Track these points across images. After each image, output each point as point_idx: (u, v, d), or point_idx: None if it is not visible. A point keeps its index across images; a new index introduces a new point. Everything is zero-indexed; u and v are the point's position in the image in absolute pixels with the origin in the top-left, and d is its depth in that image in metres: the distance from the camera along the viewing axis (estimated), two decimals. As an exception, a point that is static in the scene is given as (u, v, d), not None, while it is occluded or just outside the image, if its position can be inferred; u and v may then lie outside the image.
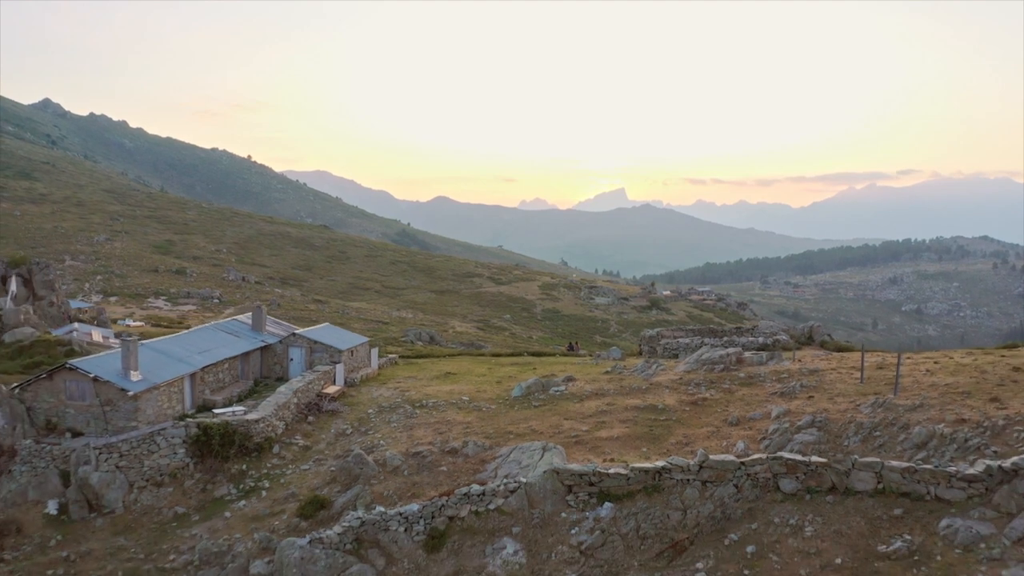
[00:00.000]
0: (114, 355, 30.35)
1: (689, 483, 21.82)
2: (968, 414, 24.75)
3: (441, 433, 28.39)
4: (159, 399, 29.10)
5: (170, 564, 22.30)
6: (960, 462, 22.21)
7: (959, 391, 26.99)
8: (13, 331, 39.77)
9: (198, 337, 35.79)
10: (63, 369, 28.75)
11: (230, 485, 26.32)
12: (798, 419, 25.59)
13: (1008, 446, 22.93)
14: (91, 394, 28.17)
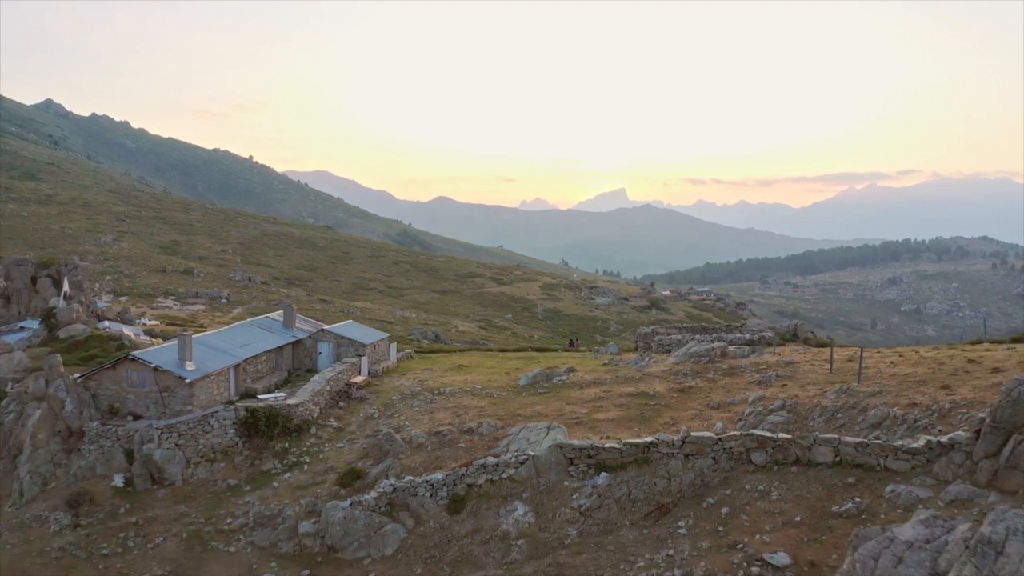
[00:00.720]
0: (170, 347, 34.11)
1: (673, 456, 25.48)
2: (920, 399, 28.38)
3: (458, 415, 32.16)
4: (210, 386, 32.86)
5: (227, 526, 25.91)
6: (908, 439, 25.85)
7: (915, 380, 30.62)
8: (67, 327, 43.47)
9: (238, 332, 39.63)
10: (126, 360, 32.49)
11: (275, 460, 30.04)
12: (771, 403, 29.24)
13: (952, 426, 26.55)
14: (151, 382, 31.85)
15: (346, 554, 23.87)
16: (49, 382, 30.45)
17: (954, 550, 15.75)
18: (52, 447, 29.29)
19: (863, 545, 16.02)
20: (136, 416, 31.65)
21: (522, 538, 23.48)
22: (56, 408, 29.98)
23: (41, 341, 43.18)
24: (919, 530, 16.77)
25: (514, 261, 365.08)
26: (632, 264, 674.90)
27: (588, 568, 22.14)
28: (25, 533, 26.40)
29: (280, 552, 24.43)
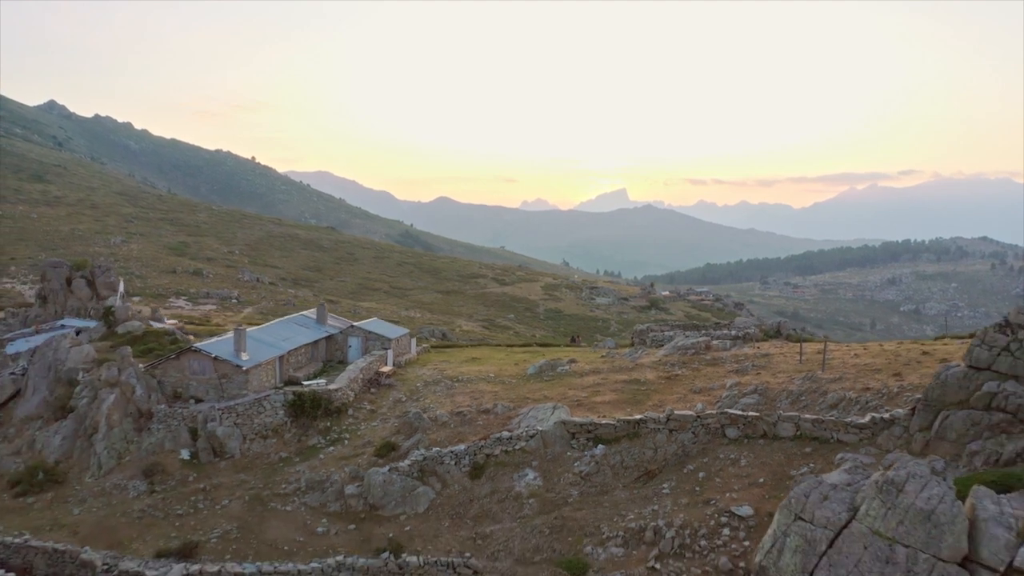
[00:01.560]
0: (227, 340, 38.91)
1: (659, 431, 30.20)
2: (873, 384, 33.09)
3: (475, 399, 36.93)
4: (261, 374, 37.59)
5: (282, 490, 30.59)
6: (858, 416, 30.55)
7: (872, 368, 35.32)
8: (124, 324, 48.18)
9: (280, 328, 44.48)
10: (189, 351, 37.28)
11: (319, 437, 34.75)
12: (745, 388, 33.93)
13: (898, 406, 31.22)
14: (211, 370, 36.57)
15: (385, 512, 28.59)
16: (121, 370, 35.13)
17: (868, 490, 20.34)
18: (125, 426, 33.94)
19: (798, 486, 20.70)
20: (197, 400, 36.42)
21: (532, 497, 28.23)
22: (128, 393, 34.64)
23: (101, 336, 47.90)
24: (843, 476, 21.41)
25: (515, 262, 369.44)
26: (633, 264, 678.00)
27: (587, 520, 26.86)
28: (107, 498, 31.08)
29: (329, 511, 29.14)
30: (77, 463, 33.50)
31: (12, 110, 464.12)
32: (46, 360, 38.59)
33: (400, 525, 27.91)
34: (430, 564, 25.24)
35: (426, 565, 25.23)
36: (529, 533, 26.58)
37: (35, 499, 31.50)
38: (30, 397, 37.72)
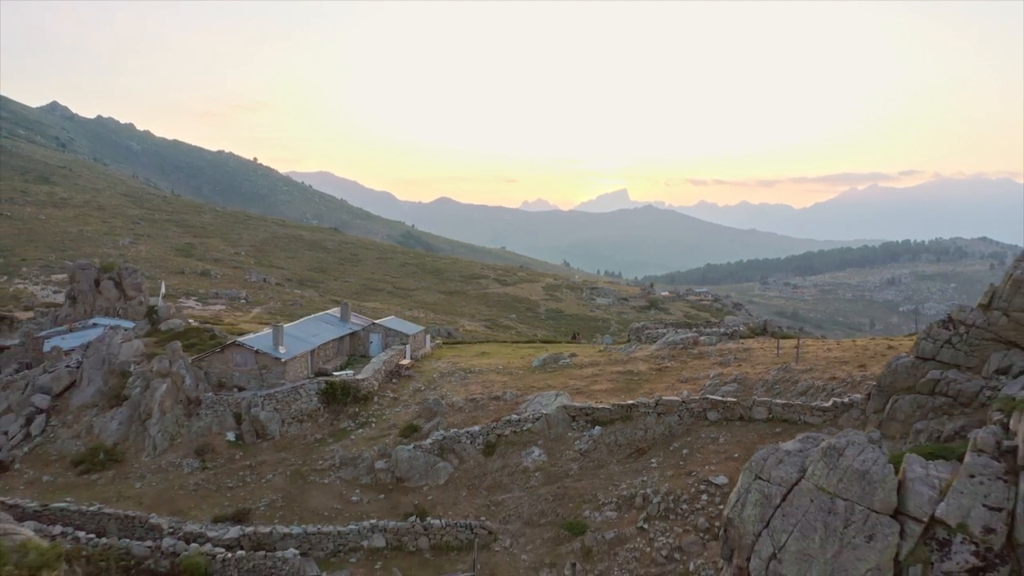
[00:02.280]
0: (265, 335, 43.42)
1: (649, 414, 34.62)
2: (839, 374, 37.50)
3: (487, 387, 41.38)
4: (296, 365, 42.03)
5: (319, 466, 35.00)
6: (823, 401, 34.97)
7: (841, 361, 39.73)
8: (167, 321, 52.65)
9: (309, 325, 49.01)
10: (233, 345, 41.78)
11: (349, 420, 39.18)
12: (726, 378, 38.35)
13: (859, 393, 35.62)
14: (252, 362, 40.99)
15: (410, 483, 33.02)
16: (172, 362, 39.46)
17: (815, 455, 24.64)
18: (176, 412, 38.28)
19: (758, 452, 25.05)
20: (240, 388, 40.82)
21: (538, 471, 32.68)
22: (178, 382, 38.97)
23: (146, 333, 52.32)
24: (796, 444, 25.76)
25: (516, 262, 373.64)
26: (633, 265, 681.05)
27: (586, 490, 31.30)
28: (164, 474, 35.47)
29: (361, 483, 33.53)
30: (133, 445, 37.88)
31: (15, 111, 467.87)
32: (100, 354, 42.97)
33: (424, 495, 32.37)
34: (451, 526, 29.67)
35: (448, 527, 29.66)
36: (536, 500, 31.03)
37: (98, 476, 35.88)
38: (85, 387, 42.11)
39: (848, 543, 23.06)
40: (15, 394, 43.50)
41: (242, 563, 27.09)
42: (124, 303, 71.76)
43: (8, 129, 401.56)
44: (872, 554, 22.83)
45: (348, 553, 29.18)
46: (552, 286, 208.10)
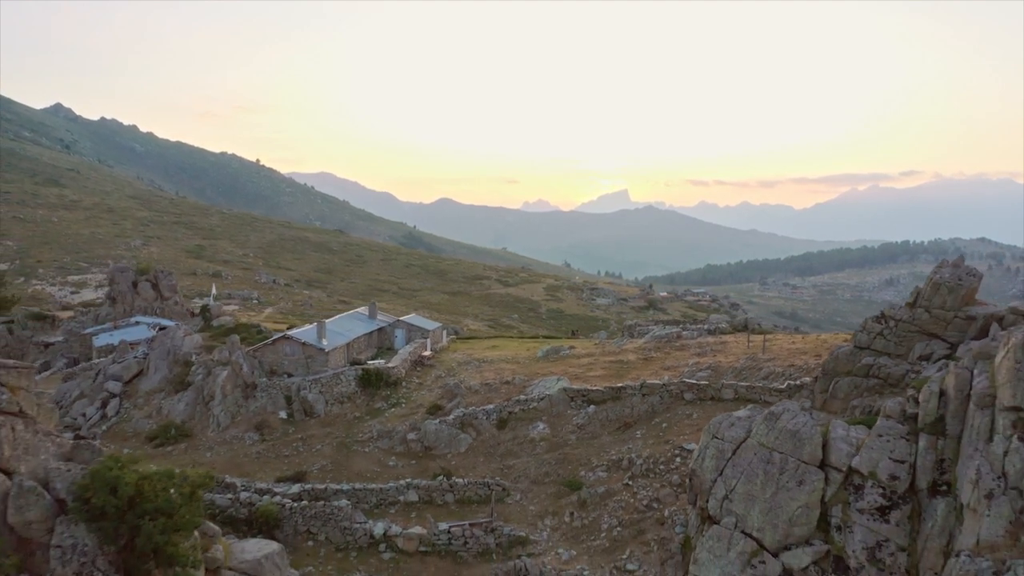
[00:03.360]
0: (310, 330, 50.64)
1: (635, 395, 41.73)
2: (797, 362, 44.62)
3: (498, 373, 48.51)
4: (336, 355, 49.13)
5: (360, 438, 42.04)
6: (779, 383, 42.06)
7: (801, 351, 46.84)
8: (217, 319, 59.80)
9: (344, 321, 56.31)
10: (283, 338, 48.97)
11: (383, 401, 46.28)
12: (702, 365, 45.47)
13: (810, 377, 42.67)
14: (300, 352, 48.10)
15: (437, 451, 40.13)
16: (231, 352, 46.48)
17: (758, 419, 31.64)
18: (235, 395, 45.28)
19: (715, 418, 32.17)
20: (289, 375, 47.91)
21: (543, 441, 39.82)
22: (236, 370, 45.97)
23: (200, 328, 59.38)
24: (745, 412, 32.85)
25: (517, 263, 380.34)
26: (634, 265, 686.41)
27: (582, 455, 38.42)
28: (230, 446, 42.52)
29: (396, 451, 40.62)
30: (199, 423, 44.93)
31: (19, 113, 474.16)
32: (165, 346, 50.04)
33: (448, 460, 39.48)
34: (472, 483, 36.79)
35: (469, 484, 36.76)
36: (541, 464, 38.17)
37: (172, 448, 42.88)
38: (152, 375, 49.17)
39: (783, 486, 30.26)
40: (86, 382, 50.60)
41: (305, 511, 34.16)
42: (161, 303, 78.94)
43: (14, 131, 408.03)
44: (802, 495, 30.05)
45: (388, 506, 36.28)
46: (553, 287, 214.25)
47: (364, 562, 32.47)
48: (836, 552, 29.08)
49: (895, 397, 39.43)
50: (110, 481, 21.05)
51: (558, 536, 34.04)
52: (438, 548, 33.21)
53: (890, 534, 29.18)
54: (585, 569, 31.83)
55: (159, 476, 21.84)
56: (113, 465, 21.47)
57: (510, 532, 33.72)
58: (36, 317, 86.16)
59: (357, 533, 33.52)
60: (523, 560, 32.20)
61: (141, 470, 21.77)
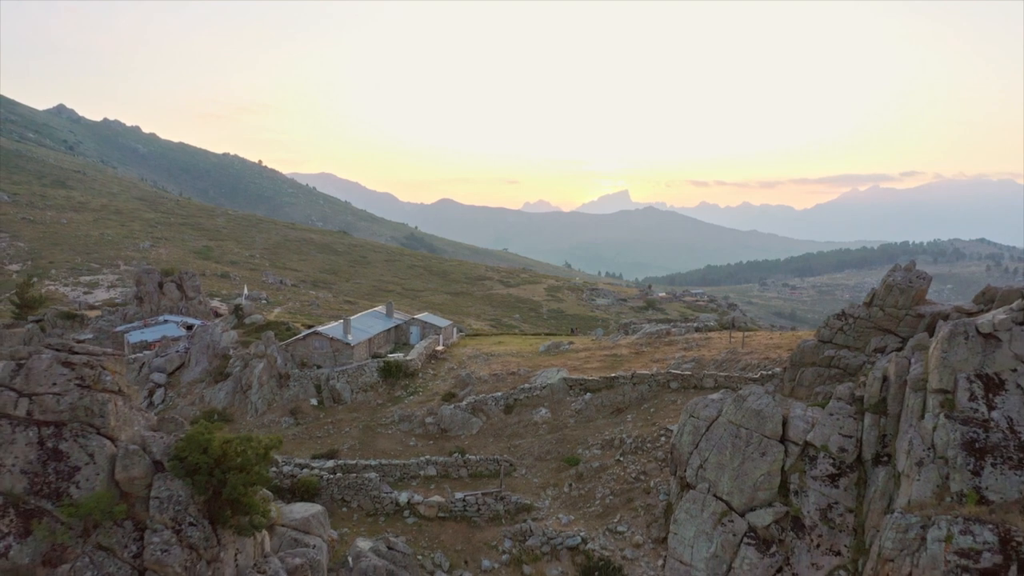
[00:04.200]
0: (337, 326, 56.25)
1: (627, 383, 47.34)
2: (772, 355, 50.22)
3: (505, 365, 54.14)
4: (360, 349, 54.72)
5: (383, 421, 47.60)
6: (754, 373, 47.64)
7: (776, 346, 52.43)
8: (249, 317, 65.45)
9: (366, 319, 62.04)
10: (313, 333, 54.58)
11: (402, 390, 51.86)
12: (687, 358, 51.06)
13: (780, 367, 48.23)
14: (328, 346, 53.69)
15: (451, 433, 45.75)
16: (267, 346, 52.09)
17: (728, 401, 37.19)
18: (271, 384, 50.86)
19: (691, 400, 37.79)
20: (318, 366, 53.50)
21: (544, 424, 45.43)
22: (271, 362, 51.55)
23: (234, 326, 64.95)
24: (718, 395, 38.50)
25: (518, 264, 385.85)
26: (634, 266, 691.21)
27: (579, 436, 44.00)
28: (268, 428, 48.08)
29: (415, 433, 46.22)
30: (238, 409, 50.49)
31: (23, 114, 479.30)
32: (204, 341, 55.61)
33: (461, 441, 45.11)
34: (483, 460, 42.38)
35: (481, 460, 42.36)
36: (543, 443, 43.78)
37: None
38: (193, 367, 54.76)
39: (749, 457, 35.96)
40: (131, 374, 56.18)
41: (340, 481, 39.74)
42: (185, 303, 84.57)
43: (18, 133, 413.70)
44: (764, 464, 35.77)
45: (410, 479, 41.86)
46: (554, 287, 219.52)
47: (391, 525, 38.05)
48: (794, 513, 34.91)
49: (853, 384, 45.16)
50: (202, 443, 26.65)
51: (558, 504, 39.65)
52: (455, 514, 38.79)
53: (839, 497, 35.12)
54: (582, 531, 37.49)
55: (239, 440, 27.42)
56: (204, 431, 27.07)
57: (517, 500, 39.32)
58: (65, 316, 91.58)
59: (384, 501, 39.09)
60: (528, 523, 37.91)
61: (224, 435, 27.31)
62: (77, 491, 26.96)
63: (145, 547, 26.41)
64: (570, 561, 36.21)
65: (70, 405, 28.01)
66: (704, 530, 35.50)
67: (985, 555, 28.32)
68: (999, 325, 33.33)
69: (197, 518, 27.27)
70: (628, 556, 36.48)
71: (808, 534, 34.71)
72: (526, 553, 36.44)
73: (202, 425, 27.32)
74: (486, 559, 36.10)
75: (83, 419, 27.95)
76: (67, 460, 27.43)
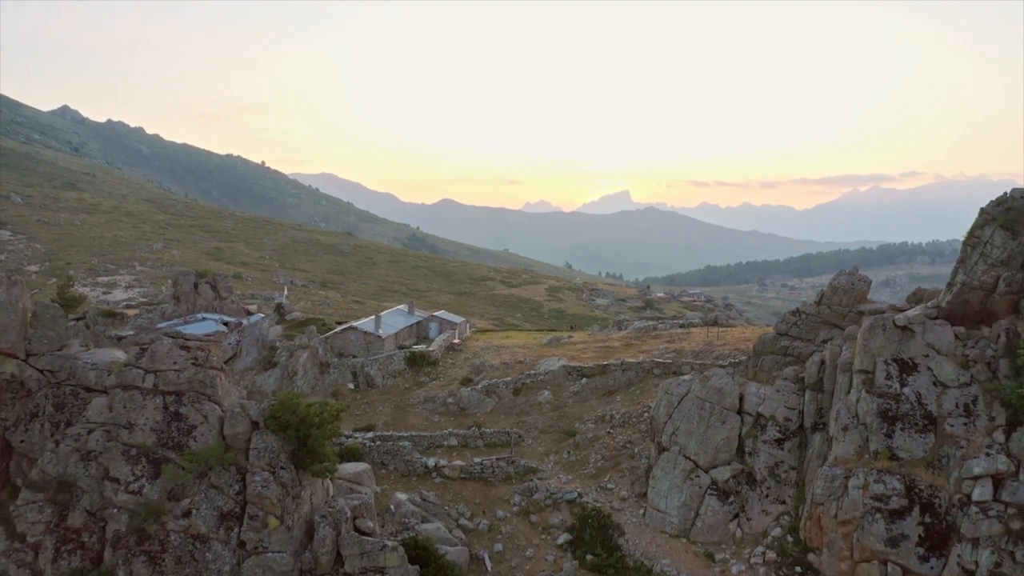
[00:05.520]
0: (369, 321, 65.41)
1: (617, 370, 56.52)
2: (742, 347, 59.36)
3: (513, 355, 63.36)
4: (389, 341, 63.94)
5: (411, 402, 56.69)
6: (724, 360, 56.74)
7: (747, 339, 61.57)
8: (290, 314, 74.61)
9: (392, 316, 71.48)
10: (349, 328, 63.79)
11: (425, 376, 61.02)
12: (669, 349, 60.17)
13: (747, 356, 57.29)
14: (361, 338, 62.80)
15: (469, 411, 54.86)
16: (310, 339, 61.15)
17: (696, 380, 46.22)
18: (313, 371, 59.92)
19: (667, 380, 46.86)
20: (353, 356, 62.70)
21: (547, 404, 54.60)
22: (314, 352, 60.62)
23: (276, 322, 74.01)
24: (688, 377, 47.54)
25: (519, 264, 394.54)
26: (635, 266, 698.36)
27: (577, 413, 53.15)
28: (311, 408, 57.26)
29: (439, 411, 55.33)
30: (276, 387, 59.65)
31: (28, 116, 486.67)
32: (254, 334, 64.72)
33: (477, 417, 54.27)
34: (496, 432, 51.51)
35: (495, 432, 51.48)
36: (546, 419, 52.93)
37: (266, 411, 57.47)
38: (244, 357, 63.87)
39: (711, 425, 45.11)
40: (186, 363, 65.27)
41: (379, 448, 48.82)
42: (219, 302, 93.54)
43: (24, 134, 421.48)
44: (724, 431, 44.91)
45: (436, 448, 50.96)
46: (555, 288, 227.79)
47: (422, 483, 47.13)
48: (748, 470, 44.12)
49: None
50: (292, 406, 35.74)
51: (559, 467, 48.78)
52: (473, 475, 47.87)
53: (784, 457, 44.46)
54: (578, 488, 46.64)
55: (318, 404, 36.56)
56: (292, 397, 36.20)
57: (524, 464, 48.41)
58: (106, 315, 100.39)
59: (415, 464, 48.19)
60: (534, 482, 47.06)
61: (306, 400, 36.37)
62: (194, 443, 36.08)
63: (247, 485, 35.53)
64: (568, 512, 45.25)
65: (188, 379, 37.24)
66: (676, 484, 44.64)
67: (893, 499, 37.79)
68: (913, 320, 42.78)
69: (286, 464, 36.37)
70: (615, 507, 45.58)
71: (759, 487, 43.94)
72: (533, 505, 45.53)
73: (290, 393, 36.32)
74: (500, 510, 45.18)
75: (198, 389, 37.15)
76: (186, 420, 36.58)
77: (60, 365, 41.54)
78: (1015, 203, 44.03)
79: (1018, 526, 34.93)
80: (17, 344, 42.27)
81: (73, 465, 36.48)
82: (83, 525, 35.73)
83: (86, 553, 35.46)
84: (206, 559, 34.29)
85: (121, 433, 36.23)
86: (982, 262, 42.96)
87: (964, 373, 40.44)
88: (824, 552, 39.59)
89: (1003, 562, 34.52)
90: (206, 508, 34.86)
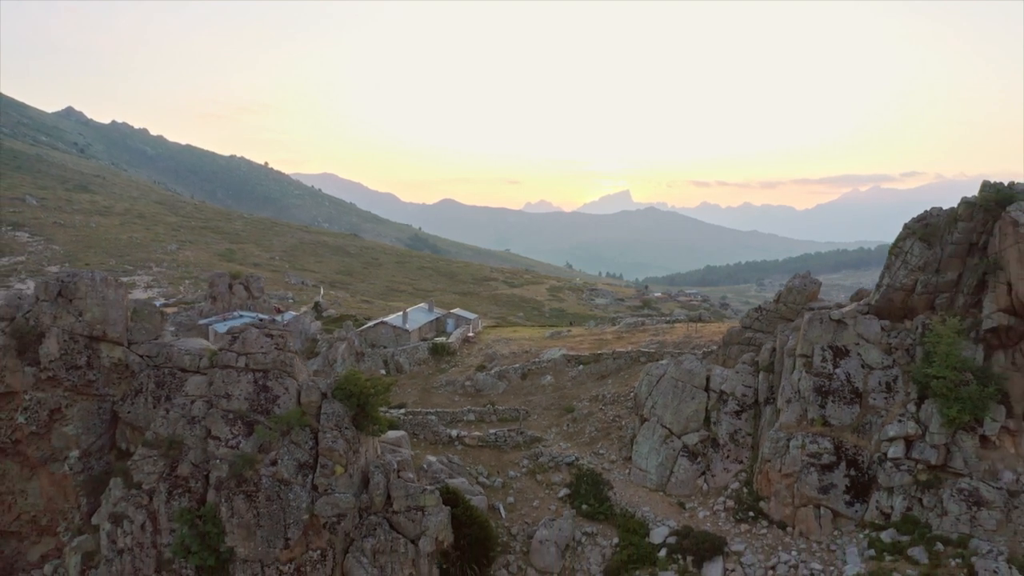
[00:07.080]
0: (398, 316, 76.47)
1: (609, 358, 67.65)
2: (716, 338, 70.29)
3: (520, 346, 74.56)
4: (414, 334, 75.05)
5: (434, 385, 67.66)
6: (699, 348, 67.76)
7: (721, 333, 72.44)
8: (326, 311, 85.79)
9: (415, 313, 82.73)
10: (381, 323, 74.90)
11: (446, 364, 72.08)
12: (654, 341, 71.21)
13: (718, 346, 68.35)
14: (391, 331, 73.89)
15: (484, 393, 65.88)
16: (347, 332, 72.15)
17: (672, 364, 57.17)
18: (350, 359, 70.87)
19: (648, 364, 57.84)
20: (384, 346, 73.74)
21: (550, 386, 65.71)
22: (351, 343, 71.61)
23: (314, 318, 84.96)
24: (665, 361, 58.44)
25: (520, 264, 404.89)
26: (635, 266, 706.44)
27: (575, 393, 64.19)
28: (349, 390, 68.27)
29: (458, 393, 66.30)
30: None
31: (33, 117, 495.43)
32: (298, 328, 75.72)
33: (491, 398, 65.31)
34: (507, 409, 62.54)
35: (506, 409, 62.52)
36: (549, 398, 63.99)
37: (310, 393, 68.55)
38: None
39: (683, 400, 56.19)
40: (236, 354, 76.30)
41: (411, 420, 59.76)
42: (252, 301, 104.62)
43: (31, 136, 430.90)
44: (694, 404, 56.01)
45: (457, 422, 61.93)
46: (555, 288, 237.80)
47: (447, 450, 58.12)
48: (712, 436, 55.08)
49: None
50: (354, 380, 46.72)
51: (560, 437, 59.81)
52: (489, 443, 58.82)
53: (741, 426, 55.39)
54: (575, 453, 57.65)
55: (373, 379, 47.51)
56: (353, 374, 47.21)
57: (531, 434, 59.40)
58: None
59: (441, 434, 59.17)
60: (539, 448, 58.07)
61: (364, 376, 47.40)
62: (278, 409, 46.91)
63: (319, 441, 46.39)
64: (567, 472, 56.15)
65: (272, 360, 48.14)
66: (654, 447, 55.63)
67: (825, 456, 48.75)
68: (846, 315, 53.80)
69: (349, 425, 47.22)
70: (606, 468, 56.48)
71: (721, 449, 54.89)
72: (538, 467, 56.46)
73: (352, 370, 47.24)
74: (511, 471, 56.12)
75: (280, 368, 48.09)
76: (271, 392, 47.42)
77: (158, 351, 52.40)
78: (932, 219, 55.52)
79: (924, 478, 45.79)
80: (122, 334, 53.33)
81: (181, 427, 47.20)
82: (190, 474, 46.44)
83: (192, 495, 46.18)
84: (288, 498, 44.88)
85: (220, 402, 46.91)
86: (903, 268, 54.04)
87: (887, 358, 51.16)
88: (772, 500, 50.28)
89: (913, 507, 45.39)
90: (288, 459, 45.36)
